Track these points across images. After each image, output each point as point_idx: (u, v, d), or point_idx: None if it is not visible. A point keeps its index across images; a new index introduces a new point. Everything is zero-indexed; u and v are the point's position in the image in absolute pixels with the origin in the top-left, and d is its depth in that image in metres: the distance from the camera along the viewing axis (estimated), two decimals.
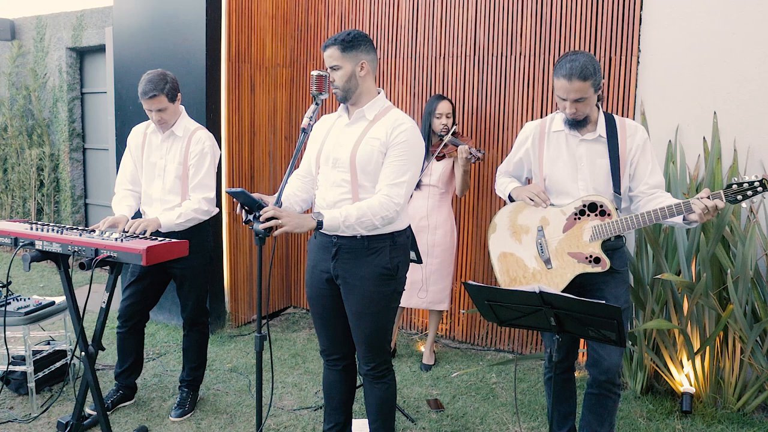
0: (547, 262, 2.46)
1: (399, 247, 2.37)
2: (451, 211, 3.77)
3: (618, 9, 3.54)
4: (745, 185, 2.17)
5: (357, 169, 2.26)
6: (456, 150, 3.59)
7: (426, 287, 3.67)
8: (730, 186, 2.20)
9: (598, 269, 2.36)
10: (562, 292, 2.35)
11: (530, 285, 2.29)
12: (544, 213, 2.48)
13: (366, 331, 2.36)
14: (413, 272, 3.62)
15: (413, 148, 2.27)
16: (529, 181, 2.71)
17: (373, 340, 2.37)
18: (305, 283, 2.52)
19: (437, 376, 3.68)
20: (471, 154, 3.52)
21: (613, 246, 2.41)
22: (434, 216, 3.67)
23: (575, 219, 2.40)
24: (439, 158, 3.65)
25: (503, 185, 2.68)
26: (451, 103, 3.69)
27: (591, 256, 2.36)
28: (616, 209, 2.35)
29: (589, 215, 2.37)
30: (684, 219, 2.26)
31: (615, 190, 2.38)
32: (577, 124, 2.38)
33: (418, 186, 3.69)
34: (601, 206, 2.35)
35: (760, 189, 2.16)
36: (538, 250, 2.49)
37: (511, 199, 2.62)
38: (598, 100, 2.39)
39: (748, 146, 3.25)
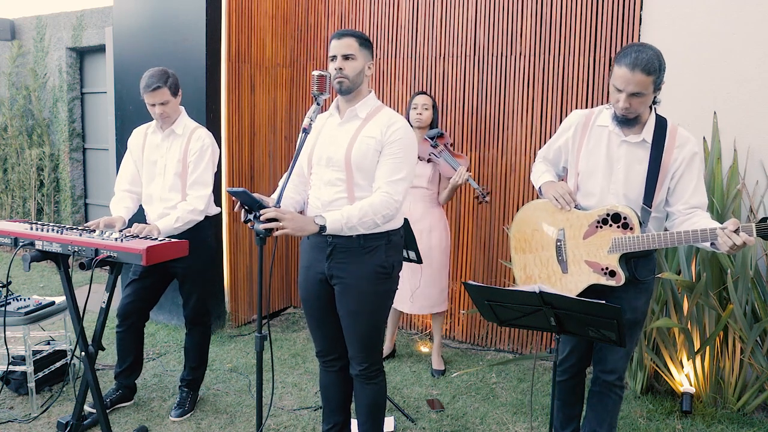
0: (564, 266, 2.38)
1: (394, 245, 2.36)
2: (442, 210, 3.73)
3: (618, 9, 3.54)
4: None
5: (352, 167, 2.26)
6: (446, 165, 3.54)
7: (425, 291, 3.64)
8: (764, 220, 2.02)
9: (612, 283, 2.25)
10: (582, 296, 2.27)
11: (530, 285, 2.28)
12: (568, 215, 2.36)
13: (361, 330, 2.35)
14: (412, 278, 3.61)
15: (408, 147, 2.29)
16: (565, 173, 2.58)
17: (367, 339, 2.37)
18: (298, 285, 2.51)
19: (437, 376, 3.68)
20: (477, 194, 3.47)
21: (639, 253, 2.26)
22: (428, 219, 3.62)
23: (597, 227, 2.28)
24: (428, 160, 3.60)
25: (537, 174, 2.55)
26: (431, 98, 3.64)
27: (607, 269, 2.26)
28: (641, 224, 2.20)
29: (611, 225, 2.25)
30: (712, 245, 2.10)
31: (645, 202, 2.23)
32: (626, 122, 2.21)
33: None
34: (625, 218, 2.20)
35: None
36: (556, 253, 2.40)
37: (541, 192, 2.51)
38: (653, 103, 2.23)
39: (748, 146, 3.25)
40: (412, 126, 3.61)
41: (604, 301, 1.92)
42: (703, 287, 2.99)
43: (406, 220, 3.06)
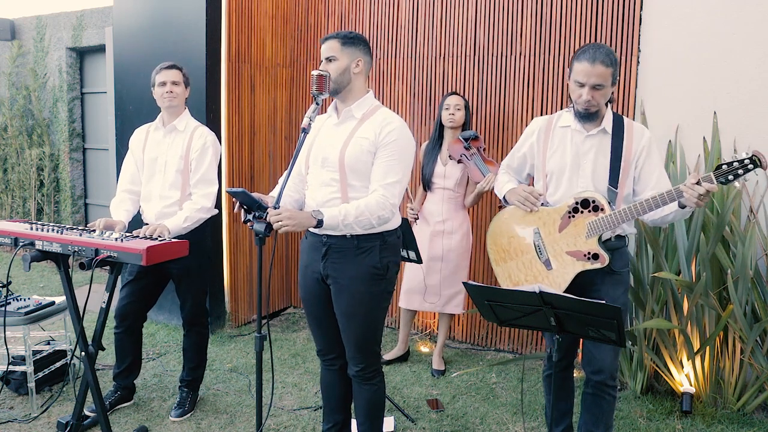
0: (547, 263, 2.44)
1: (389, 246, 2.36)
2: (466, 214, 3.72)
3: (618, 9, 3.54)
4: (735, 164, 2.12)
5: (346, 168, 2.27)
6: (475, 169, 3.47)
7: (440, 291, 3.64)
8: (719, 167, 2.15)
9: (597, 265, 2.33)
10: (564, 292, 2.33)
11: (530, 285, 2.29)
12: (538, 214, 2.45)
13: (356, 331, 2.35)
14: (427, 276, 3.62)
15: (403, 148, 2.28)
16: (531, 179, 2.67)
17: (362, 340, 2.36)
18: (298, 284, 2.52)
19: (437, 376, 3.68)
20: (501, 205, 3.38)
21: (613, 246, 2.38)
22: (451, 221, 3.61)
23: (570, 217, 2.38)
24: (458, 161, 3.55)
25: (501, 184, 2.64)
26: (463, 99, 3.64)
27: (589, 253, 2.34)
28: (609, 203, 2.33)
29: (582, 212, 2.35)
30: (680, 205, 2.23)
31: (611, 183, 2.35)
32: (588, 117, 2.35)
33: (430, 187, 3.66)
34: (594, 202, 2.33)
35: (750, 166, 2.11)
36: (536, 252, 2.46)
37: (506, 201, 2.59)
38: (609, 101, 2.37)
39: (748, 146, 3.25)
40: (444, 126, 3.64)
41: (604, 301, 1.94)
42: (703, 287, 2.99)
43: (404, 219, 3.07)
